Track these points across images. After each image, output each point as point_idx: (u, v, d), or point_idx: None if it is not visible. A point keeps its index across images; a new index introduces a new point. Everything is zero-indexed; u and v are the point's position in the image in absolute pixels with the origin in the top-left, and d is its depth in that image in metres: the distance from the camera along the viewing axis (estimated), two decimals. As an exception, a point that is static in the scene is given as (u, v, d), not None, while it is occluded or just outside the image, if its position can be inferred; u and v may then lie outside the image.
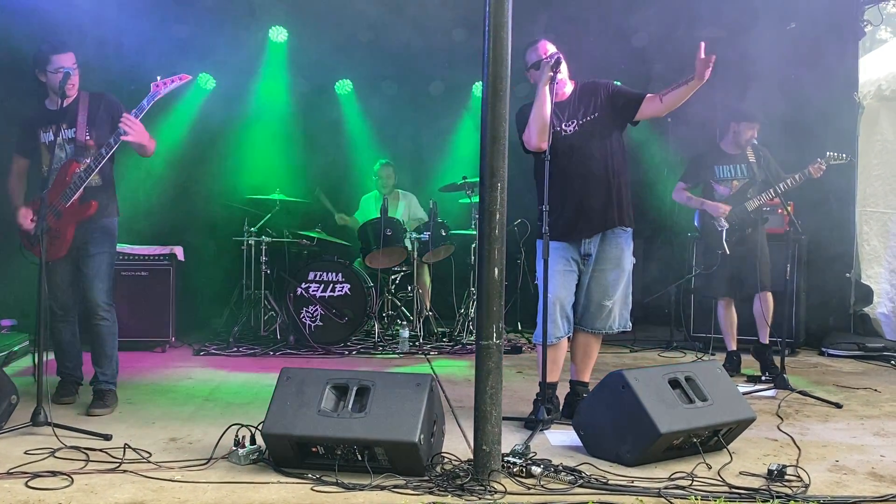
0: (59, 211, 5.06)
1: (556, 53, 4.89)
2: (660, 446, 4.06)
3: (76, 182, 5.04)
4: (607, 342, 8.41)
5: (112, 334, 5.31)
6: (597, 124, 5.01)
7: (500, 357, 3.76)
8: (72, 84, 5.09)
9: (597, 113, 5.01)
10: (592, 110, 5.02)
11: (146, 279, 7.41)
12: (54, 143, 5.05)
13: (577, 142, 4.99)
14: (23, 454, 4.09)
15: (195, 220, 8.98)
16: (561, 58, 4.87)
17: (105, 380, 5.26)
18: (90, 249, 5.19)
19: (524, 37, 5.14)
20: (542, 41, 5.13)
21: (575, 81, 5.16)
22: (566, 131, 5.02)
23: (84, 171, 5.04)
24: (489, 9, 3.76)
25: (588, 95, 5.07)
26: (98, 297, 5.21)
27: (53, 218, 5.04)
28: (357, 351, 7.63)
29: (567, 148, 4.98)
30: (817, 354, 7.88)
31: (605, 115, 5.03)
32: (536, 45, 5.10)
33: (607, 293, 5.03)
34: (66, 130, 5.14)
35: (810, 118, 7.88)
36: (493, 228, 3.77)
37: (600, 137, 5.00)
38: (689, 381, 4.32)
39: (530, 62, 5.09)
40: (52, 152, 5.03)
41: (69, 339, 5.43)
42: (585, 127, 5.00)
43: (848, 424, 5.11)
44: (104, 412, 5.07)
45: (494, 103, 3.76)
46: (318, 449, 3.86)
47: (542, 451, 4.25)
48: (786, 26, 8.12)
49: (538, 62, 4.99)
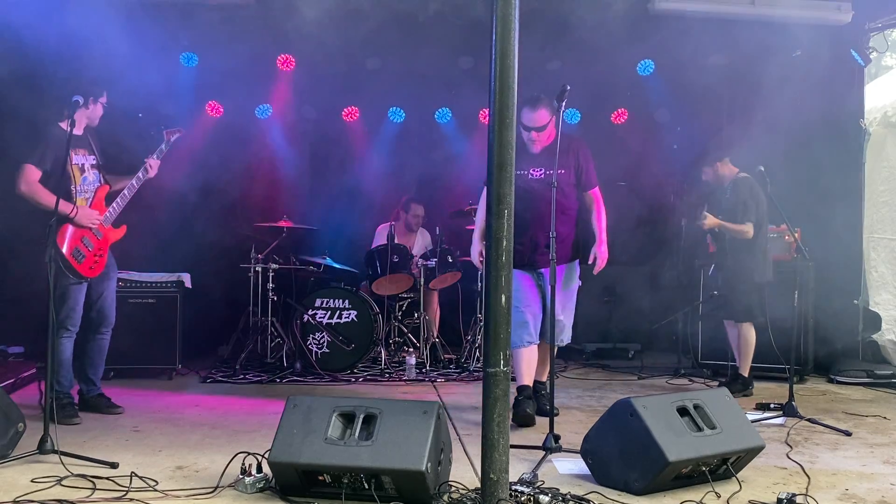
0: (100, 231, 5.59)
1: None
2: (668, 475, 4.03)
3: (114, 207, 5.67)
4: (615, 369, 8.43)
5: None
6: (561, 178, 5.63)
7: (507, 384, 3.75)
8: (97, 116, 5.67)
9: (562, 170, 5.69)
10: (560, 166, 5.62)
11: (153, 306, 7.40)
12: (84, 165, 5.58)
13: (539, 187, 5.73)
14: (29, 482, 4.08)
15: (202, 247, 8.99)
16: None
17: (99, 385, 5.88)
18: (109, 272, 5.78)
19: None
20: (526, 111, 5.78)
21: (552, 133, 5.77)
22: (533, 176, 5.83)
23: (120, 199, 5.68)
24: (496, 37, 3.77)
25: (562, 152, 5.58)
26: (113, 314, 5.84)
27: (95, 237, 5.54)
28: (364, 378, 7.61)
29: (529, 191, 5.73)
30: (826, 382, 7.83)
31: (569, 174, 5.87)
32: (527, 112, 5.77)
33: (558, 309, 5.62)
34: (88, 156, 5.65)
35: (817, 145, 7.88)
36: (501, 255, 3.76)
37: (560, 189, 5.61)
38: (697, 409, 4.30)
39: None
40: (82, 174, 5.58)
41: (70, 357, 5.68)
42: (550, 177, 5.57)
43: (857, 452, 5.07)
44: (121, 410, 5.78)
45: (501, 131, 3.76)
46: (324, 477, 3.85)
47: (550, 479, 4.23)
48: (791, 54, 8.15)
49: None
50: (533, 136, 5.75)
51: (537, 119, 5.72)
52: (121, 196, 5.70)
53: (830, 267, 7.96)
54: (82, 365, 5.78)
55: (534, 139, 5.77)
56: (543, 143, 5.80)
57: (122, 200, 5.69)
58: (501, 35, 3.76)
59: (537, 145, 5.80)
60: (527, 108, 5.71)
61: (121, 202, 5.69)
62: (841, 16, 7.57)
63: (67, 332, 5.52)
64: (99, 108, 5.65)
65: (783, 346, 6.68)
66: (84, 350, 5.76)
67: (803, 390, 7.24)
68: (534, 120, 5.72)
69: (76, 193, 5.50)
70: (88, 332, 5.75)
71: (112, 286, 5.83)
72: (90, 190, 5.61)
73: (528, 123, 5.71)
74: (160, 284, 7.48)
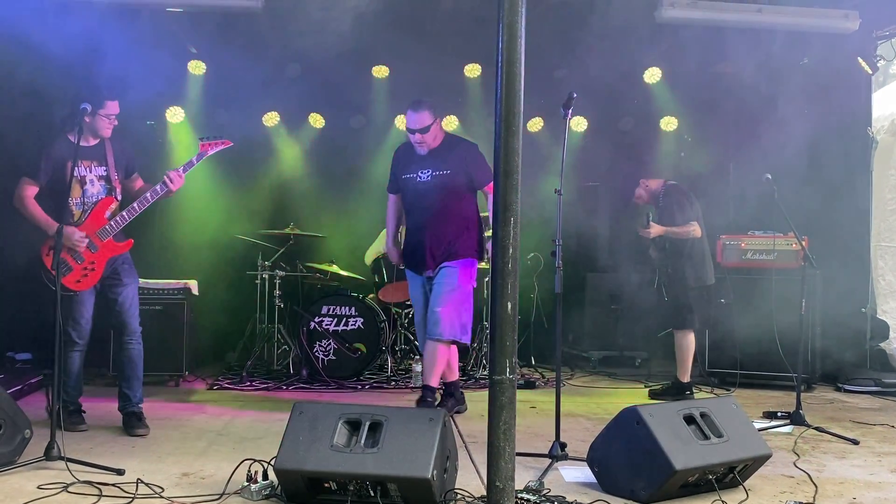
0: (95, 245, 5.40)
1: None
2: (675, 483, 4.02)
3: (117, 220, 5.42)
4: (621, 377, 8.42)
5: (141, 358, 5.67)
6: (447, 179, 5.87)
7: (513, 392, 3.73)
8: (108, 126, 5.46)
9: (449, 170, 5.85)
10: (446, 167, 5.83)
11: (160, 313, 7.41)
12: (86, 178, 5.43)
13: (426, 189, 5.89)
14: (36, 489, 4.09)
15: (209, 255, 9.00)
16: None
17: (137, 401, 5.59)
18: (123, 280, 5.58)
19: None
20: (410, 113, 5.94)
21: (438, 135, 5.95)
22: (421, 178, 5.94)
23: (127, 213, 5.44)
24: (502, 44, 3.77)
25: (447, 151, 5.83)
26: (134, 322, 5.63)
27: (88, 251, 5.37)
28: (370, 385, 7.61)
29: (419, 194, 5.93)
30: (833, 390, 7.82)
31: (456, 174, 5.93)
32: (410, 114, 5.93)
33: (437, 302, 5.90)
34: (97, 168, 5.50)
35: (824, 153, 7.88)
36: (507, 263, 3.75)
37: (448, 190, 5.86)
38: (704, 417, 4.28)
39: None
40: (83, 186, 5.42)
41: (80, 369, 5.62)
42: (438, 178, 5.79)
43: (865, 461, 5.06)
44: (146, 431, 5.44)
45: (507, 138, 3.75)
46: (330, 484, 3.84)
47: (556, 487, 4.23)
48: (799, 62, 8.14)
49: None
50: (418, 137, 5.84)
51: (420, 121, 5.82)
52: (128, 209, 5.46)
53: (838, 275, 7.95)
54: (118, 378, 5.70)
55: (419, 141, 5.87)
56: (430, 145, 5.92)
57: (129, 213, 5.45)
58: (508, 43, 3.76)
59: (424, 147, 5.91)
60: (409, 110, 5.84)
61: (127, 215, 5.45)
62: (848, 24, 7.56)
63: (74, 344, 5.46)
64: (102, 120, 5.42)
65: (791, 355, 6.66)
66: (116, 363, 5.73)
67: (811, 399, 7.23)
68: (417, 122, 5.83)
69: (74, 206, 5.38)
70: (116, 343, 5.74)
71: (127, 293, 5.59)
72: (91, 203, 5.45)
73: (411, 126, 5.83)
74: (167, 291, 7.50)
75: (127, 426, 5.51)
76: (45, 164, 5.39)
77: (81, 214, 5.42)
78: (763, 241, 7.73)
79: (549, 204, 6.28)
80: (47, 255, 5.29)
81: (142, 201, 5.43)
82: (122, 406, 5.59)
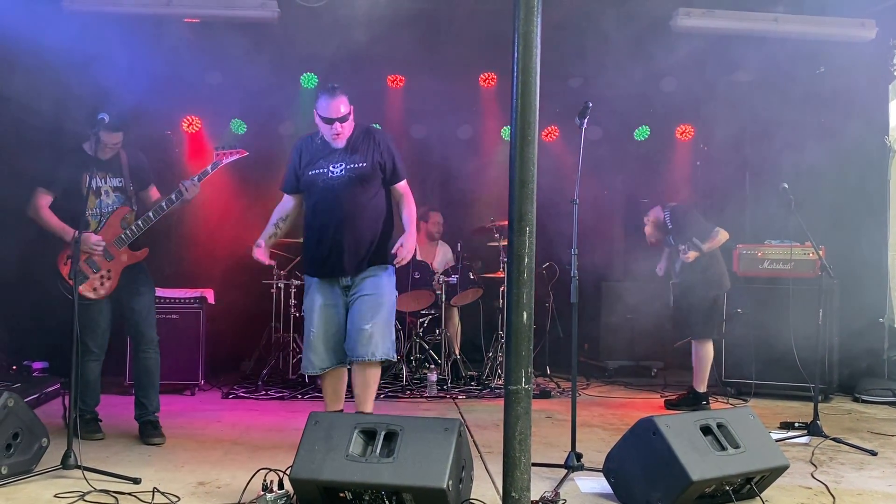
0: (111, 253, 5.45)
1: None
2: (691, 494, 4.00)
3: (133, 230, 5.46)
4: (637, 387, 8.39)
5: (158, 366, 5.72)
6: (363, 172, 5.23)
7: (529, 402, 3.73)
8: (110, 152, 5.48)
9: (363, 163, 5.23)
10: (362, 160, 5.24)
11: (176, 322, 7.45)
12: (101, 189, 5.47)
13: (339, 185, 5.22)
14: (53, 497, 4.11)
15: (225, 263, 9.03)
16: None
17: (153, 410, 5.64)
18: (139, 288, 5.62)
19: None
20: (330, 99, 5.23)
21: (352, 124, 5.31)
22: (333, 173, 5.25)
23: (142, 222, 5.46)
24: (517, 54, 3.78)
25: (360, 142, 5.28)
26: (151, 331, 5.66)
27: (104, 259, 5.43)
28: (385, 394, 7.60)
29: (332, 191, 5.23)
30: (851, 401, 7.76)
31: (374, 168, 5.27)
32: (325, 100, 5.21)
33: (365, 318, 5.15)
34: (112, 179, 5.54)
35: (841, 163, 7.84)
36: (522, 272, 3.75)
37: (364, 185, 5.24)
38: (721, 428, 4.26)
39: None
40: (98, 197, 5.46)
41: (97, 378, 5.67)
42: (351, 171, 5.22)
43: (883, 472, 5.02)
44: (163, 440, 5.49)
45: (523, 148, 3.75)
46: (345, 494, 3.84)
47: (572, 498, 4.21)
48: (815, 71, 8.12)
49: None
50: (337, 128, 5.18)
51: (338, 108, 5.17)
52: (144, 218, 5.47)
53: (855, 285, 7.90)
54: (134, 387, 5.73)
55: (338, 132, 5.20)
56: (346, 135, 5.29)
57: (144, 222, 5.46)
58: (523, 52, 3.76)
59: (341, 139, 5.26)
60: (325, 96, 5.21)
61: (143, 224, 5.47)
62: (865, 32, 7.54)
63: (91, 352, 5.49)
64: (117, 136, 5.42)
65: (808, 365, 6.63)
66: (134, 372, 5.75)
67: (828, 409, 7.18)
68: (334, 110, 5.16)
69: (90, 217, 5.40)
70: (134, 353, 5.75)
71: (143, 302, 5.60)
72: (106, 213, 5.48)
73: (330, 115, 5.16)
74: (183, 300, 7.53)
75: (143, 435, 5.54)
76: (60, 174, 5.42)
77: (97, 225, 5.45)
78: (780, 251, 7.70)
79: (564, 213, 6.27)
80: (64, 264, 5.33)
81: (157, 210, 5.44)
82: (139, 415, 5.62)
